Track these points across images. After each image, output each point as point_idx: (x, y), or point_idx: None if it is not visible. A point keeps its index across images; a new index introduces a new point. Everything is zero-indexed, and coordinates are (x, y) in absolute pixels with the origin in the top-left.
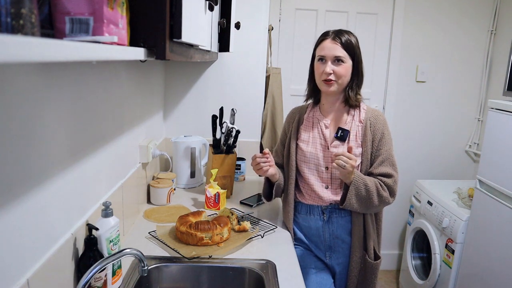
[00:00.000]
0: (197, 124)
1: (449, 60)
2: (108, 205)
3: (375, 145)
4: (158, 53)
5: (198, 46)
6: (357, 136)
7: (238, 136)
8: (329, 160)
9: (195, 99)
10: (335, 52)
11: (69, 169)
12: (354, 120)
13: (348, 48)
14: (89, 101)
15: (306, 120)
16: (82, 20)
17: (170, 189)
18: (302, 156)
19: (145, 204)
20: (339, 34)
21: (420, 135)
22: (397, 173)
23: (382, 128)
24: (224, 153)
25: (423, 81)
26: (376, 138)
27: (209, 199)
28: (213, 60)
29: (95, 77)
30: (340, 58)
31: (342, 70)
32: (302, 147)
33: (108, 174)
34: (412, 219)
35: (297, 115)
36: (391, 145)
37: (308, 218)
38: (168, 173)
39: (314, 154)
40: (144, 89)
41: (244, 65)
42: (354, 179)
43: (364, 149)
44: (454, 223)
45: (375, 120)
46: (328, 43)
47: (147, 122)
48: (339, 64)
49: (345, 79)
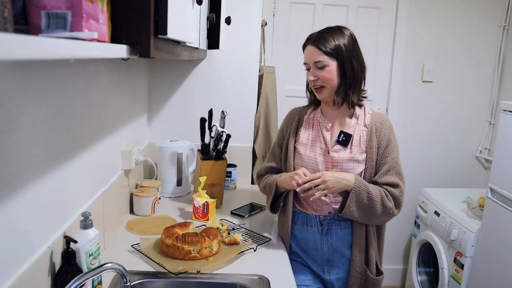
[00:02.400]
0: (184, 127)
1: (457, 58)
2: (88, 215)
3: (381, 152)
4: (141, 50)
5: (185, 43)
6: (361, 141)
7: (228, 140)
8: (329, 165)
9: (182, 101)
10: (314, 58)
11: (45, 176)
12: (359, 124)
13: (328, 50)
14: (67, 103)
15: (306, 122)
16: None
17: (155, 199)
18: (299, 160)
19: (128, 214)
20: (318, 38)
21: (426, 139)
22: (404, 183)
23: (388, 134)
24: (214, 159)
25: (430, 81)
26: (382, 144)
27: (197, 209)
28: (201, 58)
29: (74, 77)
30: (320, 62)
31: (326, 74)
32: (300, 150)
33: (88, 182)
34: (418, 231)
35: (297, 116)
36: (398, 153)
37: (304, 230)
38: (153, 181)
39: (312, 158)
40: (127, 89)
41: (235, 64)
42: (355, 185)
43: (369, 155)
44: (464, 236)
45: (381, 125)
46: (308, 49)
47: (130, 125)
48: (322, 69)
49: (333, 82)
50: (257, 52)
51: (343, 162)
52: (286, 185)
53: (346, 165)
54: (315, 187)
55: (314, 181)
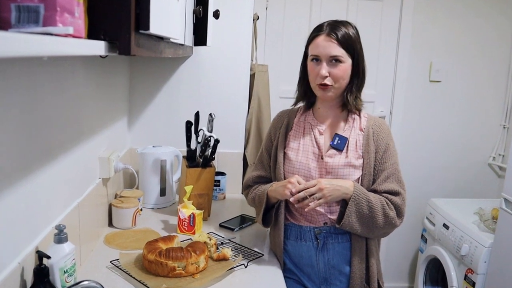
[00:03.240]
0: (168, 132)
1: (469, 56)
2: (62, 228)
3: (379, 157)
4: (121, 47)
5: (169, 39)
6: (357, 146)
7: (217, 146)
8: (323, 171)
9: (166, 103)
10: (330, 51)
11: (14, 186)
12: (354, 128)
13: (346, 44)
14: (39, 105)
15: (296, 125)
16: (30, 8)
17: (136, 210)
18: (290, 167)
19: (106, 227)
20: (334, 28)
21: (434, 145)
22: (405, 191)
23: (386, 138)
24: (201, 166)
25: (438, 81)
26: (380, 149)
27: (182, 222)
28: (187, 55)
29: (46, 76)
30: (337, 57)
31: (339, 72)
32: (291, 157)
33: (62, 192)
34: (425, 245)
35: (286, 119)
36: (397, 158)
37: (298, 245)
38: (134, 191)
39: (304, 165)
40: (105, 90)
41: (224, 62)
42: (355, 193)
43: (366, 161)
44: (475, 250)
45: (379, 129)
46: (322, 40)
47: (109, 129)
48: (336, 65)
49: (344, 82)
50: (248, 49)
51: (338, 168)
52: (278, 195)
53: (341, 171)
54: (310, 196)
55: (309, 189)
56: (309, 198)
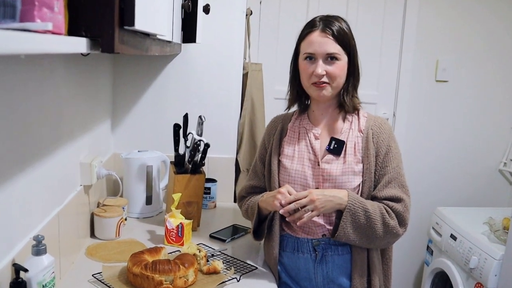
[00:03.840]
0: (155, 136)
1: (478, 53)
2: (41, 239)
3: (380, 161)
4: (104, 44)
5: (156, 36)
6: (356, 149)
7: (207, 151)
8: (320, 179)
9: (153, 104)
10: (327, 48)
11: None
12: (352, 129)
13: (342, 40)
14: (16, 107)
15: (291, 131)
16: (6, 2)
17: (120, 220)
18: (285, 175)
19: (88, 238)
20: (329, 23)
21: (440, 150)
22: (409, 196)
23: (388, 139)
24: (189, 173)
25: (445, 81)
26: (381, 152)
27: (170, 232)
28: (175, 53)
29: (24, 76)
30: (333, 55)
31: (337, 70)
32: (286, 164)
33: (41, 200)
34: (431, 257)
35: (280, 124)
36: (400, 161)
37: (295, 257)
38: (118, 199)
39: (300, 173)
40: (87, 90)
41: (215, 60)
42: (349, 203)
43: (366, 165)
44: (485, 263)
45: (379, 129)
46: (316, 37)
47: (91, 133)
48: (332, 63)
49: (341, 80)
50: (241, 46)
51: (336, 175)
52: (268, 206)
53: (340, 178)
54: (302, 207)
55: (300, 201)
56: (301, 211)
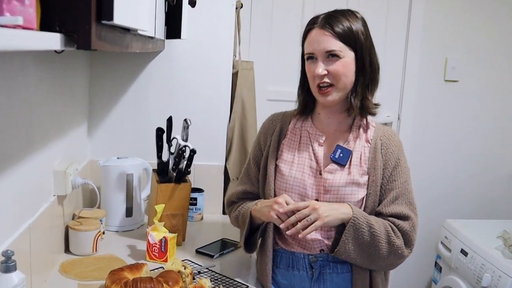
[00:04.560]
0: (136, 141)
1: (490, 51)
2: (10, 255)
3: (387, 174)
4: (80, 40)
5: (137, 31)
6: (362, 160)
7: (193, 157)
8: (321, 189)
9: (133, 106)
10: (325, 46)
11: None
12: (360, 139)
13: (345, 36)
14: None
15: (291, 133)
16: None
17: (98, 233)
18: (282, 182)
19: (63, 253)
20: (330, 19)
21: (449, 156)
22: (416, 215)
23: (397, 152)
24: (174, 182)
25: (455, 80)
26: (389, 165)
27: (152, 247)
28: (158, 50)
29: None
30: (333, 52)
31: (339, 67)
32: (283, 170)
33: (10, 212)
34: (439, 275)
35: (278, 124)
36: (408, 176)
37: (290, 274)
38: (95, 210)
39: (299, 181)
40: (62, 91)
41: (202, 58)
42: (354, 216)
43: (372, 178)
44: (499, 281)
45: (388, 141)
46: (315, 35)
47: (65, 138)
48: (333, 61)
49: (347, 80)
50: (230, 42)
51: (339, 186)
52: (262, 216)
53: (343, 189)
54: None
55: (302, 211)
56: (303, 221)
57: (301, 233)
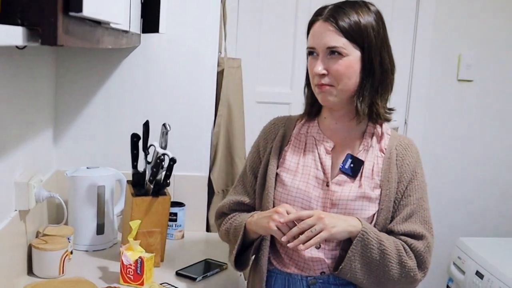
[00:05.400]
0: (108, 148)
1: (510, 47)
2: None
3: (402, 189)
4: (45, 35)
5: (109, 24)
6: (374, 172)
7: (173, 167)
8: (328, 203)
9: (105, 109)
10: (327, 41)
11: None
12: (373, 147)
13: (351, 32)
14: None
15: (296, 139)
16: None
17: (65, 253)
18: (283, 193)
19: (25, 276)
20: (336, 12)
21: (463, 166)
22: (432, 236)
23: (414, 164)
24: (151, 194)
25: (469, 80)
26: (404, 178)
27: (127, 269)
28: (133, 46)
29: None
30: (336, 49)
31: (340, 67)
32: (285, 180)
33: None
34: None
35: (281, 129)
36: (425, 192)
37: None
38: (62, 227)
39: (303, 193)
40: (24, 92)
41: (183, 54)
42: (363, 230)
43: (385, 192)
44: None
45: (405, 151)
46: (318, 28)
47: (28, 145)
48: (336, 59)
49: (350, 81)
50: (215, 37)
51: (348, 200)
52: (260, 228)
53: (352, 204)
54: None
55: (305, 220)
56: (306, 232)
57: (304, 245)
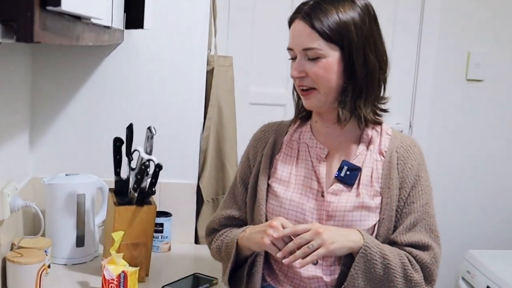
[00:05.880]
0: (89, 154)
1: None
2: None
3: (404, 195)
4: (20, 31)
5: (89, 19)
6: (373, 178)
7: (158, 174)
8: (323, 215)
9: (85, 112)
10: (302, 42)
11: None
12: (371, 151)
13: (329, 31)
14: None
15: (288, 146)
16: None
17: (42, 267)
18: (276, 205)
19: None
20: (313, 9)
21: (473, 173)
22: (439, 245)
23: (417, 167)
24: (135, 203)
25: (479, 80)
26: (407, 184)
27: (109, 284)
28: (115, 43)
29: None
30: (311, 51)
31: (320, 69)
32: (278, 191)
33: None
34: None
35: (272, 136)
36: (430, 197)
37: None
38: (38, 239)
39: (297, 205)
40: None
41: (170, 52)
42: (365, 245)
43: (386, 200)
44: None
45: (407, 153)
46: (296, 27)
47: (1, 150)
48: (314, 61)
49: (331, 83)
50: (204, 34)
51: (345, 211)
52: (253, 244)
53: (350, 215)
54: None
55: (302, 235)
56: (303, 248)
57: (300, 262)
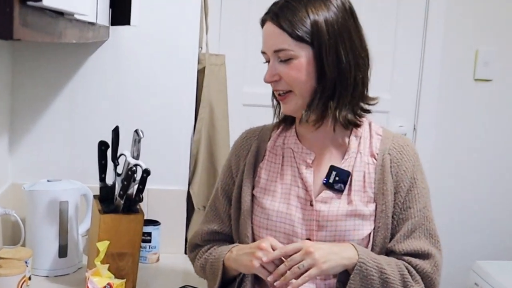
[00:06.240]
0: (72, 159)
1: None
2: None
3: (400, 200)
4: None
5: (73, 15)
6: (366, 183)
7: (146, 180)
8: (313, 225)
9: (68, 113)
10: (272, 43)
11: None
12: (361, 154)
13: (295, 30)
14: None
15: (271, 153)
16: None
17: (22, 279)
18: (263, 218)
19: None
20: (281, 8)
21: (481, 178)
22: (440, 251)
23: (412, 169)
24: (122, 211)
25: (488, 79)
26: (402, 188)
27: None
28: (100, 40)
29: None
30: (282, 52)
31: (292, 71)
32: (263, 202)
33: None
34: None
35: (254, 142)
36: (428, 199)
37: None
38: (18, 249)
39: (285, 216)
40: None
41: (158, 50)
42: (360, 261)
43: (381, 207)
44: None
45: (400, 154)
46: (266, 28)
47: None
48: (286, 63)
49: (306, 85)
50: (195, 31)
51: (337, 220)
52: (241, 266)
53: (342, 224)
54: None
55: (292, 257)
56: (293, 269)
57: (291, 285)
